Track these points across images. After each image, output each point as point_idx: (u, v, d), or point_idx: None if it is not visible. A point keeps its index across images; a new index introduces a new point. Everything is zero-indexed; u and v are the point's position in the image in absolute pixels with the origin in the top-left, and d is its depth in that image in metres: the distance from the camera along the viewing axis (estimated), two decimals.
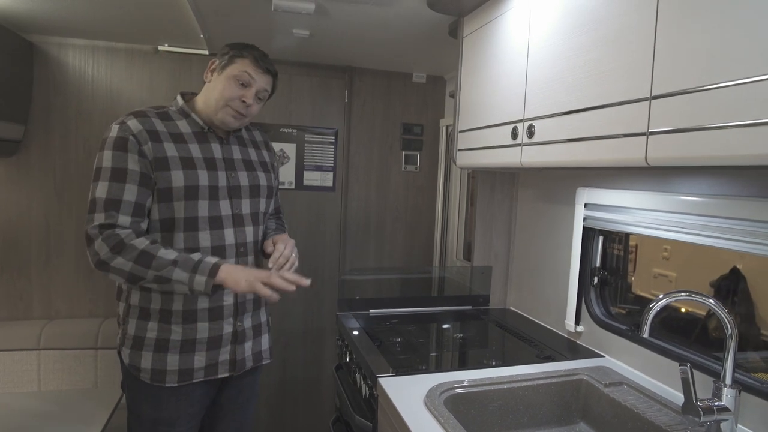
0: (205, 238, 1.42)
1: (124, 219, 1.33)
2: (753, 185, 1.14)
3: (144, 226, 1.39)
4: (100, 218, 1.32)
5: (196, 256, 1.35)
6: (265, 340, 1.61)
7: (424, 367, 1.50)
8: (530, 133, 1.42)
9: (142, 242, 1.32)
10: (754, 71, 0.80)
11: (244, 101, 1.44)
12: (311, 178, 2.94)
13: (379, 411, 1.38)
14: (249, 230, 1.53)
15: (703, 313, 1.45)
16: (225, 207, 1.47)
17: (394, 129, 3.14)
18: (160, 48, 2.63)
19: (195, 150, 1.45)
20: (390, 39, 2.37)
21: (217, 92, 1.44)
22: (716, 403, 1.06)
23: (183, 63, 2.69)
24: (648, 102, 1.01)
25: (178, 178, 1.38)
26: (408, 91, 3.13)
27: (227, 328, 1.48)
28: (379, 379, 1.37)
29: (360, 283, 2.16)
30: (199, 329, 1.43)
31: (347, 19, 2.08)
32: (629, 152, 1.06)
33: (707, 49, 0.89)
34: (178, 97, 1.53)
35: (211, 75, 1.48)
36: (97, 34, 2.49)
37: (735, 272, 1.36)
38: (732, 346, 1.06)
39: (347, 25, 2.18)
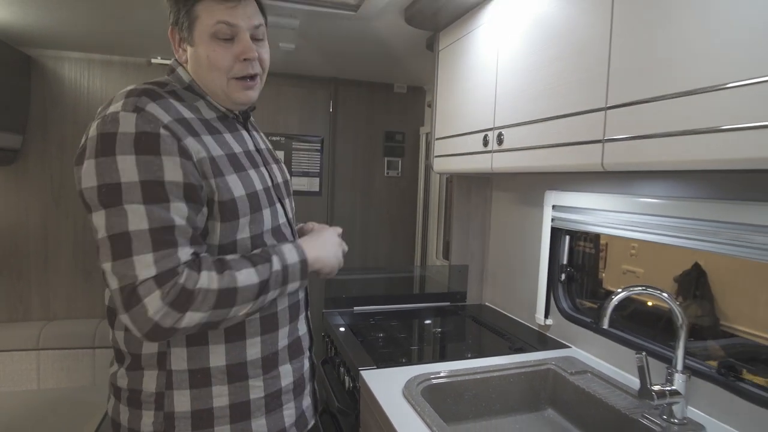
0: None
1: (186, 253, 0.84)
2: (704, 188, 1.17)
3: None
4: (148, 264, 0.79)
5: (275, 260, 0.92)
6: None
7: (404, 360, 1.51)
8: (500, 140, 1.45)
9: (211, 278, 0.84)
10: (694, 85, 0.84)
11: (246, 59, 0.95)
12: (299, 183, 2.96)
13: (361, 402, 1.38)
14: (297, 237, 1.15)
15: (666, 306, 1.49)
16: (280, 213, 1.06)
17: (377, 136, 3.16)
18: (153, 61, 2.63)
19: (233, 143, 0.99)
20: (372, 52, 2.39)
21: (207, 69, 0.95)
22: (668, 388, 1.09)
23: None
24: (604, 112, 1.04)
25: (236, 185, 0.92)
26: (390, 101, 3.16)
27: (306, 364, 1.12)
28: (361, 371, 1.37)
29: (345, 282, 2.15)
30: (282, 375, 1.02)
31: (330, 33, 2.10)
32: (588, 158, 1.09)
33: (654, 64, 0.93)
34: (181, 70, 0.99)
35: (183, 50, 0.98)
36: (92, 48, 2.49)
37: (696, 268, 1.39)
38: (683, 335, 1.10)
39: (330, 39, 2.20)
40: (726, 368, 1.13)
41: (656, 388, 1.09)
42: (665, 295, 1.11)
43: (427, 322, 2.03)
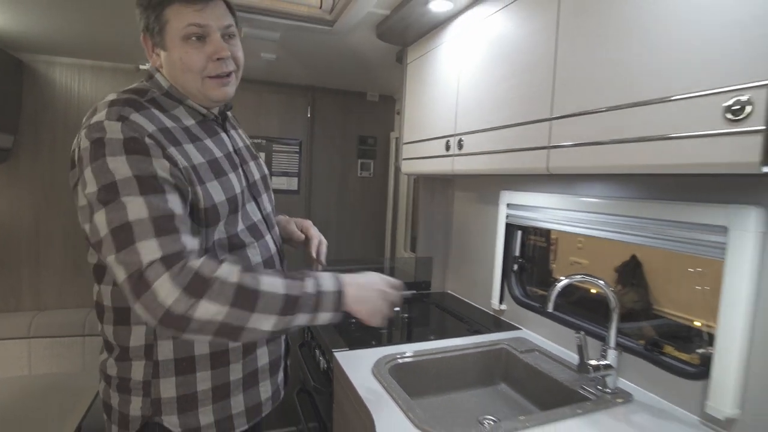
0: (254, 254, 0.98)
1: (191, 241, 0.79)
2: (634, 189, 1.24)
3: None
4: (152, 248, 0.74)
5: (309, 282, 0.84)
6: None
7: (374, 343, 1.52)
8: (460, 145, 1.49)
9: (231, 271, 0.78)
10: (623, 101, 0.89)
11: (219, 58, 0.91)
12: (278, 182, 2.94)
13: (334, 381, 1.40)
14: (277, 231, 1.13)
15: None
16: (254, 211, 1.03)
17: (351, 140, 3.16)
18: (141, 67, 2.57)
19: (213, 147, 0.95)
20: (346, 63, 2.40)
21: (180, 71, 0.90)
22: (603, 362, 1.15)
23: None
24: (549, 122, 1.09)
25: (217, 191, 0.89)
26: (363, 108, 3.16)
27: (282, 345, 1.12)
28: (335, 353, 1.39)
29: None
30: (259, 356, 1.02)
31: (308, 46, 2.09)
32: (535, 162, 1.13)
33: (590, 83, 0.98)
34: (159, 76, 0.94)
35: (156, 55, 0.93)
36: (83, 53, 2.41)
37: (634, 259, 1.44)
38: (615, 316, 1.16)
39: (308, 51, 2.19)
40: (651, 345, 1.20)
41: (592, 362, 1.15)
42: (601, 282, 1.17)
43: (396, 308, 2.05)
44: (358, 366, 1.29)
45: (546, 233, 1.75)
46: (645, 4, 0.86)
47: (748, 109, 0.67)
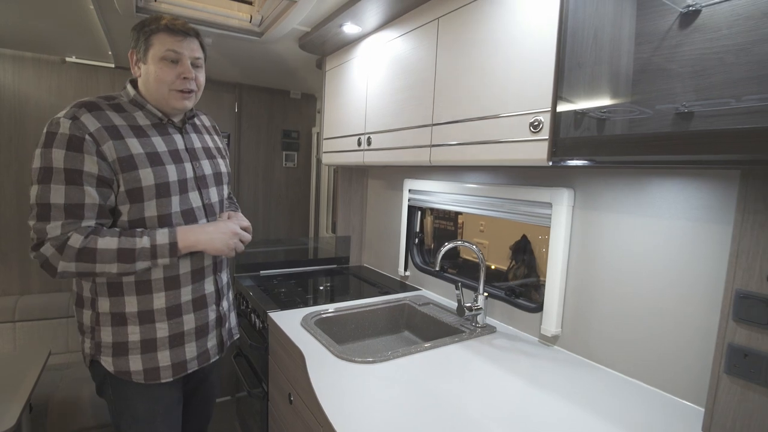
0: None
1: (87, 222, 1.03)
2: (499, 176, 1.57)
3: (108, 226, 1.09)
4: (56, 227, 1.00)
5: (144, 240, 1.06)
6: (233, 318, 1.39)
7: (301, 305, 1.69)
8: (369, 142, 1.75)
9: (77, 239, 1.01)
10: (474, 115, 1.21)
11: (185, 78, 1.12)
12: None
13: (269, 336, 1.58)
14: (217, 219, 1.27)
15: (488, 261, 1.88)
16: (195, 199, 1.18)
17: (276, 134, 3.27)
18: (68, 59, 2.54)
19: (159, 143, 1.13)
20: (272, 66, 2.52)
21: (154, 81, 1.11)
22: (475, 305, 1.50)
23: (90, 73, 2.61)
24: (431, 127, 1.39)
25: (147, 176, 1.07)
26: (287, 105, 3.28)
27: (212, 315, 1.24)
28: (269, 313, 1.56)
29: (252, 252, 2.27)
30: (185, 321, 1.18)
31: (237, 50, 2.20)
32: (422, 156, 1.44)
33: (454, 101, 1.29)
34: (129, 87, 1.16)
35: (138, 68, 1.14)
36: (3, 43, 2.33)
37: (524, 238, 1.63)
38: (482, 270, 1.49)
39: (237, 54, 2.30)
40: (510, 292, 1.57)
41: (467, 305, 1.49)
42: (474, 247, 1.50)
43: (320, 279, 2.25)
44: (290, 321, 1.49)
45: (454, 218, 1.98)
46: (486, 50, 1.19)
47: (542, 125, 1.02)
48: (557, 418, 0.97)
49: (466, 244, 1.51)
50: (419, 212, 2.06)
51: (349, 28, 1.71)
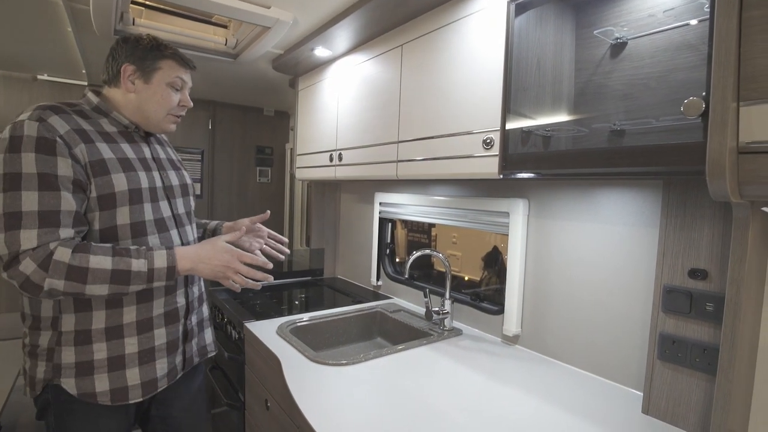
0: (155, 242, 1.08)
1: (66, 231, 0.93)
2: (462, 189, 1.67)
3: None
4: (31, 237, 0.89)
5: (140, 262, 0.98)
6: (208, 334, 1.30)
7: (276, 316, 1.71)
8: (340, 158, 1.83)
9: (65, 253, 0.91)
10: (434, 133, 1.31)
11: (184, 106, 1.18)
12: None
13: (246, 345, 1.60)
14: (188, 229, 1.23)
15: (457, 270, 1.97)
16: (165, 208, 1.14)
17: (250, 150, 3.31)
18: (39, 77, 2.53)
19: (128, 150, 1.08)
20: (246, 85, 2.57)
21: (155, 103, 1.11)
22: (442, 309, 1.57)
23: (62, 90, 2.60)
24: (397, 144, 1.48)
25: (120, 181, 1.02)
26: (260, 122, 3.33)
27: (180, 330, 1.16)
28: (245, 323, 1.59)
29: None
30: (156, 336, 1.09)
31: (212, 69, 2.25)
32: (390, 171, 1.52)
33: (416, 121, 1.39)
34: (90, 94, 1.11)
35: (132, 83, 1.09)
36: None
37: (495, 249, 1.68)
38: (448, 276, 1.58)
39: (212, 73, 2.34)
40: (475, 296, 1.66)
41: (435, 309, 1.57)
42: (441, 255, 1.59)
43: (295, 291, 2.26)
44: (265, 330, 1.53)
45: (428, 230, 2.03)
46: (444, 75, 1.29)
47: (493, 142, 1.12)
48: (515, 406, 1.05)
49: (434, 252, 1.59)
50: (390, 224, 2.14)
51: (321, 52, 1.79)
